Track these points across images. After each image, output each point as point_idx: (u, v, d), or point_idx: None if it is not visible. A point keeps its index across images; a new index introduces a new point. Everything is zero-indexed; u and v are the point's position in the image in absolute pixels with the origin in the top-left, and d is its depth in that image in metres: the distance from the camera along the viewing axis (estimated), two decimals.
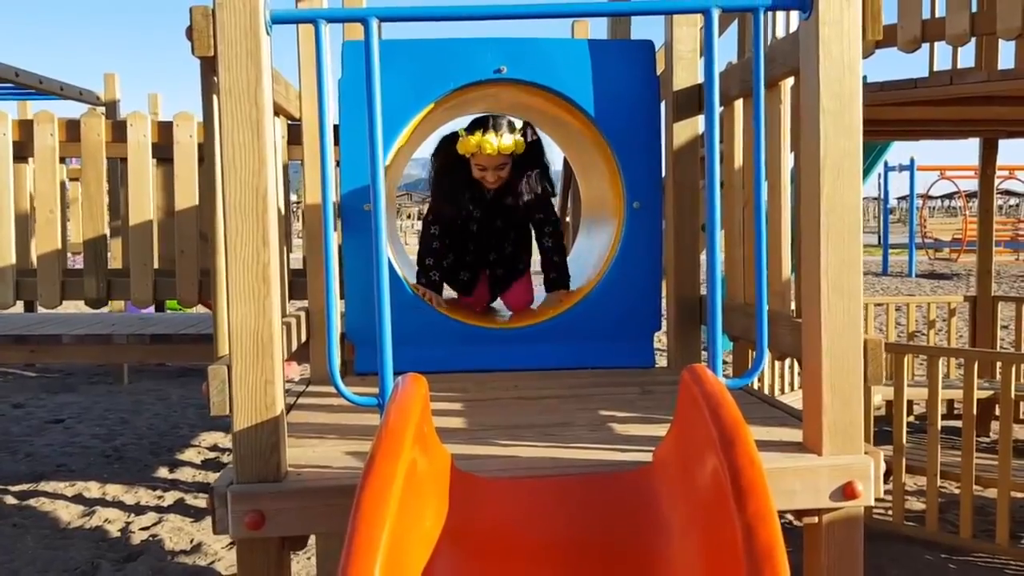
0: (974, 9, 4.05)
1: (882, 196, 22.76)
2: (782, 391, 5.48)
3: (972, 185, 25.24)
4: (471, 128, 3.25)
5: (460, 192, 3.30)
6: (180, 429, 6.34)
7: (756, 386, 4.59)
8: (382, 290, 1.93)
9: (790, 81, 2.56)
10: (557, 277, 3.40)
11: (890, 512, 4.25)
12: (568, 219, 5.28)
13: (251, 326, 1.88)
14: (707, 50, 1.95)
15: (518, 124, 3.28)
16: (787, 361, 5.27)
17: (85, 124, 4.18)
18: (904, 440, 4.18)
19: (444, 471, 1.79)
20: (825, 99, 1.95)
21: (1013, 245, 23.26)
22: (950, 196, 39.57)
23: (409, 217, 39.01)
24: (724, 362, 3.37)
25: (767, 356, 2.07)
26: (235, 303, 1.88)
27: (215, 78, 2.45)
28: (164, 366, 8.92)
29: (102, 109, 7.59)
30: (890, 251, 21.89)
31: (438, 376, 2.64)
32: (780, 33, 4.46)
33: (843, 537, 1.98)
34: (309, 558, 3.92)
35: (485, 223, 3.41)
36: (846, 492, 1.92)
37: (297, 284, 3.43)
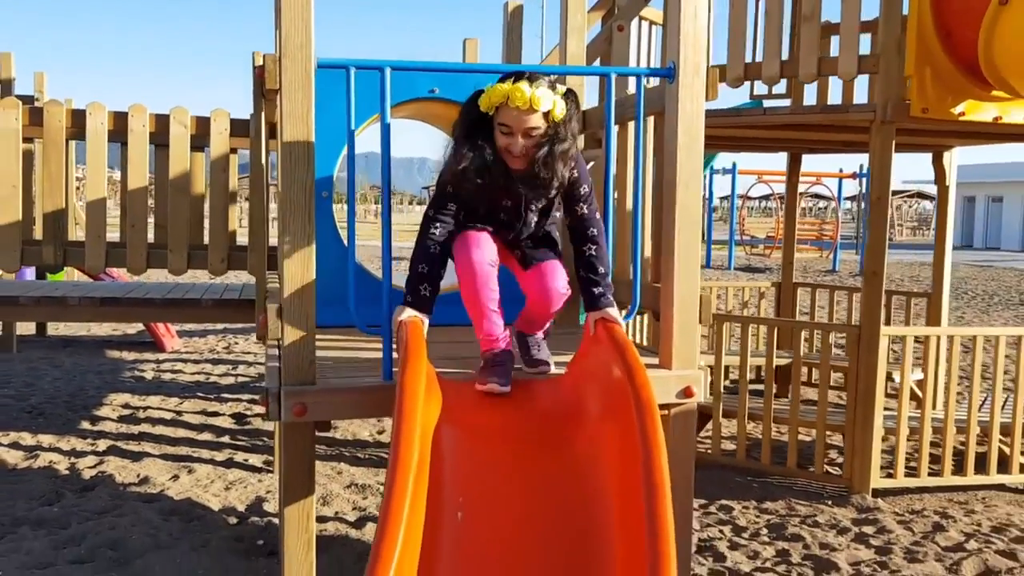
0: (785, 57, 5.25)
1: (706, 196, 24.92)
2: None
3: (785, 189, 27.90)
4: (502, 79, 2.67)
5: (477, 171, 2.72)
6: (87, 391, 6.84)
7: None
8: (386, 250, 2.80)
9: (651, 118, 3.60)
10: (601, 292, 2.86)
11: (710, 449, 5.43)
12: None
13: (299, 277, 2.71)
14: (607, 99, 2.93)
15: (561, 88, 2.73)
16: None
17: (48, 111, 4.75)
18: (721, 392, 5.39)
19: (433, 375, 2.69)
20: (680, 136, 2.97)
21: (818, 244, 25.90)
22: (766, 198, 43.02)
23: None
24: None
25: (637, 307, 3.08)
26: (288, 262, 2.70)
27: (263, 100, 3.24)
28: (46, 336, 9.21)
29: None
30: (713, 246, 23.98)
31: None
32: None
33: (683, 424, 3.02)
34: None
35: (505, 206, 2.84)
36: (686, 393, 2.96)
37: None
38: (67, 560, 3.72)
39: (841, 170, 23.98)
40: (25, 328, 9.07)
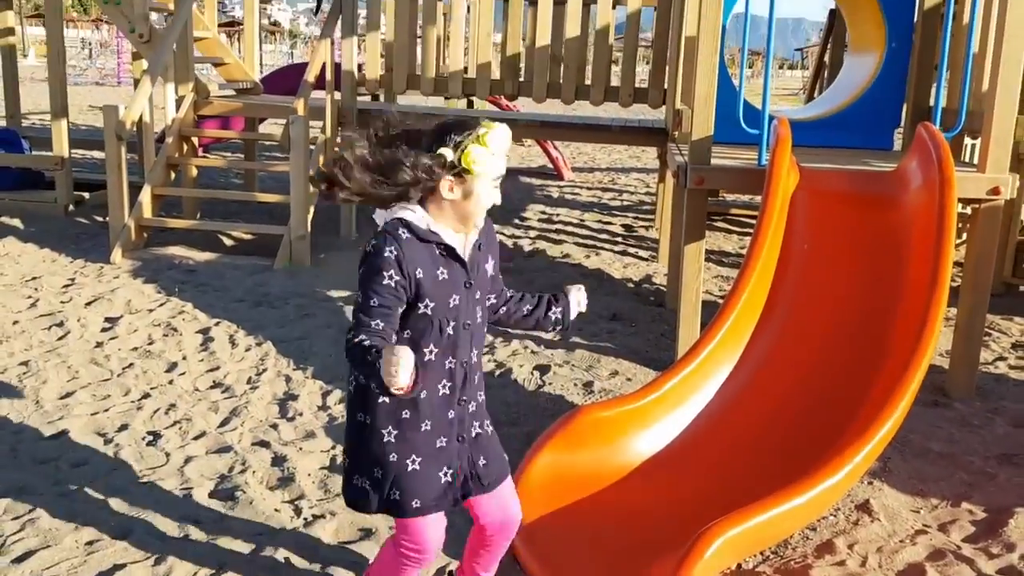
0: None
1: None
2: None
3: None
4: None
5: None
6: (512, 199, 8.79)
7: None
8: (767, 82, 3.96)
9: None
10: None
11: None
12: (827, 58, 7.10)
13: (704, 94, 3.97)
14: None
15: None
16: None
17: None
18: None
19: (794, 162, 3.87)
20: None
21: None
22: None
23: None
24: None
25: (961, 124, 3.98)
26: (698, 84, 3.96)
27: None
28: None
29: None
30: None
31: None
32: None
33: (989, 217, 3.93)
34: None
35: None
36: (993, 191, 3.86)
37: None
38: None
39: None
40: None
